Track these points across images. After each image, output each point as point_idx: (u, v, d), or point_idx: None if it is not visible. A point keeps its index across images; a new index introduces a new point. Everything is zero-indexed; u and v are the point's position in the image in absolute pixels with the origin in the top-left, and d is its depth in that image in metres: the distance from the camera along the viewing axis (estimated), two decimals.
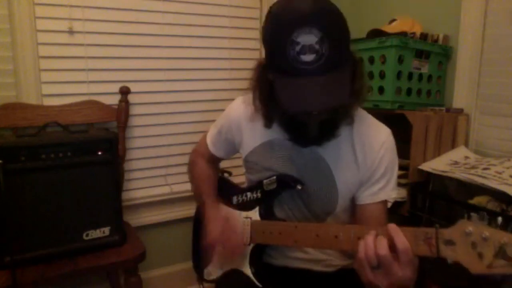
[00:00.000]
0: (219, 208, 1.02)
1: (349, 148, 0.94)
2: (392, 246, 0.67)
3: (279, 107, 0.80)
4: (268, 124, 0.94)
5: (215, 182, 1.15)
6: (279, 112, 0.88)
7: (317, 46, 0.72)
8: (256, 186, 1.00)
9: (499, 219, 1.06)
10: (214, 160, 1.18)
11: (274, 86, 0.80)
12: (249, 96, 0.96)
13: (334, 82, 0.74)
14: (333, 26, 0.74)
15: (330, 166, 0.94)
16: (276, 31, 0.75)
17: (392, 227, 0.69)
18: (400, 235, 0.67)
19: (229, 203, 1.06)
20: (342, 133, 0.90)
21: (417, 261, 0.69)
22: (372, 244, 0.68)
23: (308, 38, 0.72)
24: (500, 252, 0.59)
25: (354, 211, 0.99)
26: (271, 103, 0.87)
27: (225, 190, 1.11)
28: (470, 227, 0.62)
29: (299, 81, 0.74)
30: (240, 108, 1.03)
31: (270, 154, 0.99)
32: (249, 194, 1.01)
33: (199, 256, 1.18)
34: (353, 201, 0.98)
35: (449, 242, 0.64)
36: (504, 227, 1.04)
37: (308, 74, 0.73)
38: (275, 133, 0.97)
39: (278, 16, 0.76)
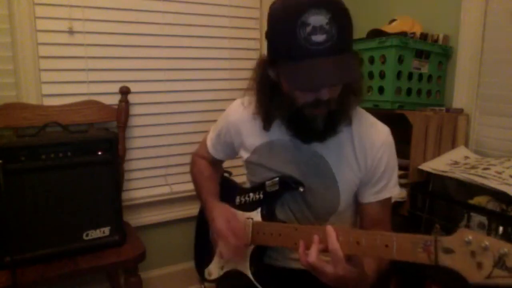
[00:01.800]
0: (223, 206, 1.02)
1: (349, 147, 0.94)
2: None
3: (282, 104, 0.81)
4: (267, 126, 0.95)
5: (217, 181, 1.14)
6: (282, 108, 0.87)
7: (327, 27, 0.73)
8: (258, 187, 1.00)
9: (501, 228, 1.05)
10: (215, 162, 1.18)
11: (281, 74, 0.81)
12: (248, 98, 0.96)
13: (344, 62, 0.76)
14: (340, 10, 0.76)
15: (331, 165, 0.94)
16: (285, 15, 0.76)
17: (329, 229, 0.74)
18: (332, 238, 0.72)
19: (231, 203, 1.06)
20: (342, 131, 0.90)
21: (360, 263, 0.75)
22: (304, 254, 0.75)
23: (318, 18, 0.73)
24: (500, 262, 0.58)
25: (358, 209, 1.00)
26: (272, 102, 0.87)
27: (228, 190, 1.11)
28: (470, 236, 0.62)
29: (310, 62, 0.75)
30: (238, 111, 1.03)
31: (271, 154, 0.99)
32: (251, 195, 1.01)
33: (201, 255, 1.18)
34: (355, 199, 0.98)
35: (448, 250, 0.64)
36: (505, 232, 1.03)
37: (319, 55, 0.74)
38: (275, 134, 0.97)
39: (286, 2, 0.78)
